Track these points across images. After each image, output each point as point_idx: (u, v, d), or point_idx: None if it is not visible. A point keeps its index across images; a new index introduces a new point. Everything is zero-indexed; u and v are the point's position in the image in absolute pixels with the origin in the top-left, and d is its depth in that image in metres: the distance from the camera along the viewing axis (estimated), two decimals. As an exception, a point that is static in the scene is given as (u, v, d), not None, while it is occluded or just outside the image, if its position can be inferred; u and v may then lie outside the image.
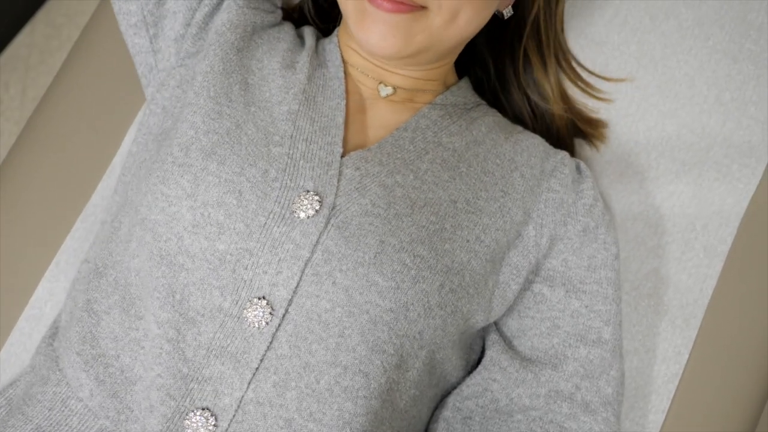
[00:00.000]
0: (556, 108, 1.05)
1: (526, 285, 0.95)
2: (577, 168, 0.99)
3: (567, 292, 0.94)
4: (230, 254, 0.83)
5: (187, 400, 0.83)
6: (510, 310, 0.96)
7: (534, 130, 1.06)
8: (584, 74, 1.09)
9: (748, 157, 1.08)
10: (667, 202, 1.08)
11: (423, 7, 0.86)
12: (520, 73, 1.06)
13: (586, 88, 1.09)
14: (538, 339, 0.95)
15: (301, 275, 0.82)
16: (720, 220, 1.07)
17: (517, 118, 1.08)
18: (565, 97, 1.07)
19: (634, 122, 1.10)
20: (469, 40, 0.96)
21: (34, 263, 1.08)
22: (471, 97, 1.02)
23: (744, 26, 1.10)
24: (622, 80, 1.10)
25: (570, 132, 1.08)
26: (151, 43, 0.99)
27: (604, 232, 0.96)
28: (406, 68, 0.97)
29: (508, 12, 1.01)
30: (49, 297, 1.06)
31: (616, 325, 0.95)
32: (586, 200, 0.96)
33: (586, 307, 0.94)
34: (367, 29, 0.86)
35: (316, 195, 0.86)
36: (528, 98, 1.06)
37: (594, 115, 1.09)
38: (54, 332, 0.98)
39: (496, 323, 0.98)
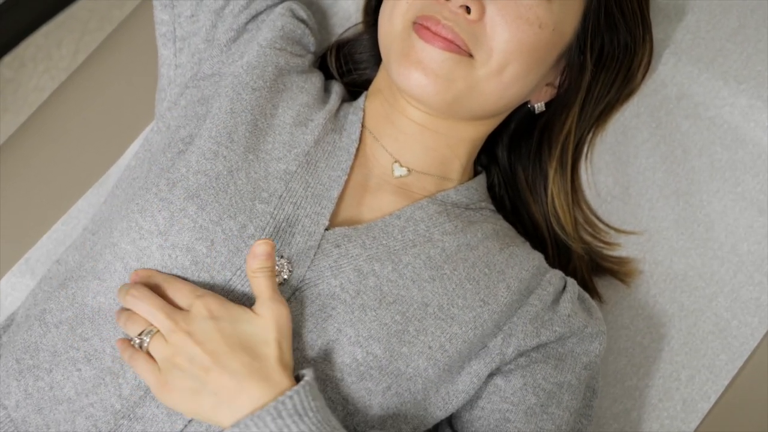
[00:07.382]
0: (576, 246, 1.01)
1: None
2: (579, 297, 0.93)
3: (525, 384, 0.88)
4: None
5: None
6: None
7: (552, 263, 1.00)
8: (595, 219, 1.05)
9: (752, 316, 1.03)
10: (655, 344, 1.03)
11: (470, 56, 0.84)
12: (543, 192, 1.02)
13: (595, 233, 1.04)
14: None
15: None
16: (708, 375, 1.02)
17: (538, 243, 1.02)
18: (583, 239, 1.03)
19: (642, 253, 1.05)
20: (506, 108, 0.93)
21: (4, 253, 1.05)
22: (477, 197, 0.97)
23: (778, 180, 1.04)
24: (632, 233, 1.05)
25: (588, 269, 1.03)
26: (175, 56, 0.97)
27: (577, 341, 0.90)
28: (431, 131, 0.93)
29: (539, 107, 0.98)
30: (10, 291, 1.04)
31: None
32: (563, 311, 0.90)
33: (542, 406, 0.88)
34: (410, 68, 0.85)
35: (288, 263, 0.83)
36: (548, 224, 1.02)
37: (618, 254, 1.04)
38: (8, 324, 0.97)
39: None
